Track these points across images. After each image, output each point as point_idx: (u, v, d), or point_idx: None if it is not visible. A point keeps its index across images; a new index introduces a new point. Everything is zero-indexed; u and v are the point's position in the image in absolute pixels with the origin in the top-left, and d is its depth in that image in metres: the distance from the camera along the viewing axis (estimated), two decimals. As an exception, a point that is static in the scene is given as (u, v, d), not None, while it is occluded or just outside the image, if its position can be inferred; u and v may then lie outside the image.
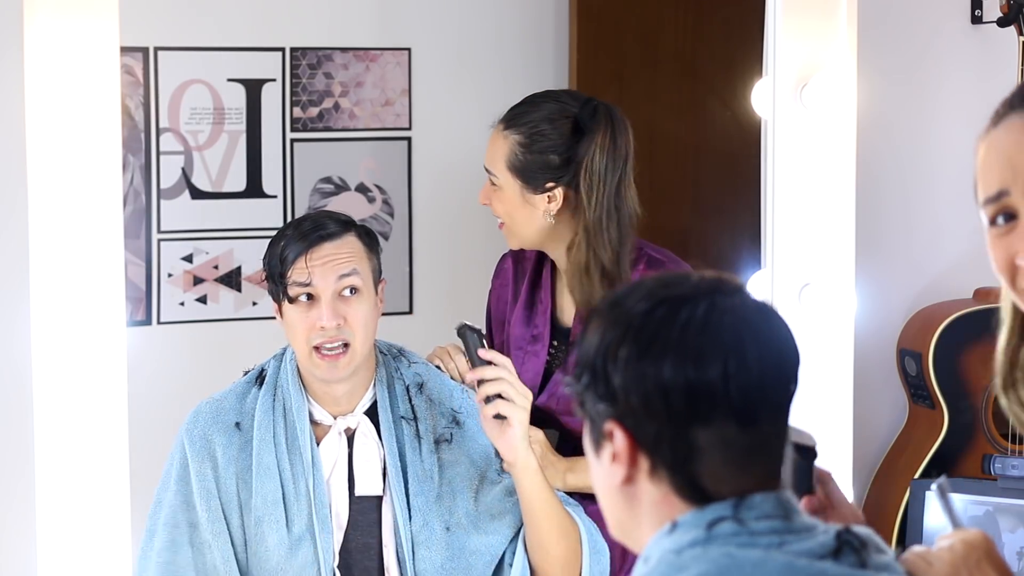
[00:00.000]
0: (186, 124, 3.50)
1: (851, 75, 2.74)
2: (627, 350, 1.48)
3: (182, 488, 2.56)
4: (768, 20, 2.76)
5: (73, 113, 2.42)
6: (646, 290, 1.52)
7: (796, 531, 1.48)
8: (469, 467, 2.62)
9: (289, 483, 2.55)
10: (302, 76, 3.56)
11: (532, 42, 3.70)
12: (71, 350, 2.44)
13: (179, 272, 3.51)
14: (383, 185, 3.63)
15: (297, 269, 2.52)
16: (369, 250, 2.58)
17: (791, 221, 2.75)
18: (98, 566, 2.46)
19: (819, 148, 2.75)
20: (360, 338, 2.53)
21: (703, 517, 1.47)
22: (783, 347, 1.51)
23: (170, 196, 3.50)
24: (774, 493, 1.50)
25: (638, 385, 1.47)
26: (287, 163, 3.57)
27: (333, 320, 2.50)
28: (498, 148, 2.77)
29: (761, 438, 1.49)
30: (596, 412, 1.51)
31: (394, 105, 3.63)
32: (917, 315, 3.75)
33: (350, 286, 2.53)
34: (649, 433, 1.47)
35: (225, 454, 2.56)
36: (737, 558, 1.44)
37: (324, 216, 2.60)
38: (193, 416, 2.60)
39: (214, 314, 3.54)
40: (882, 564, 1.51)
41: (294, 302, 2.53)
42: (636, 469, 1.49)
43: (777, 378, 1.50)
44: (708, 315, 1.48)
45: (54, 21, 2.40)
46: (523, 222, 2.77)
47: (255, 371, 2.65)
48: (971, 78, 3.82)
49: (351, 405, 2.60)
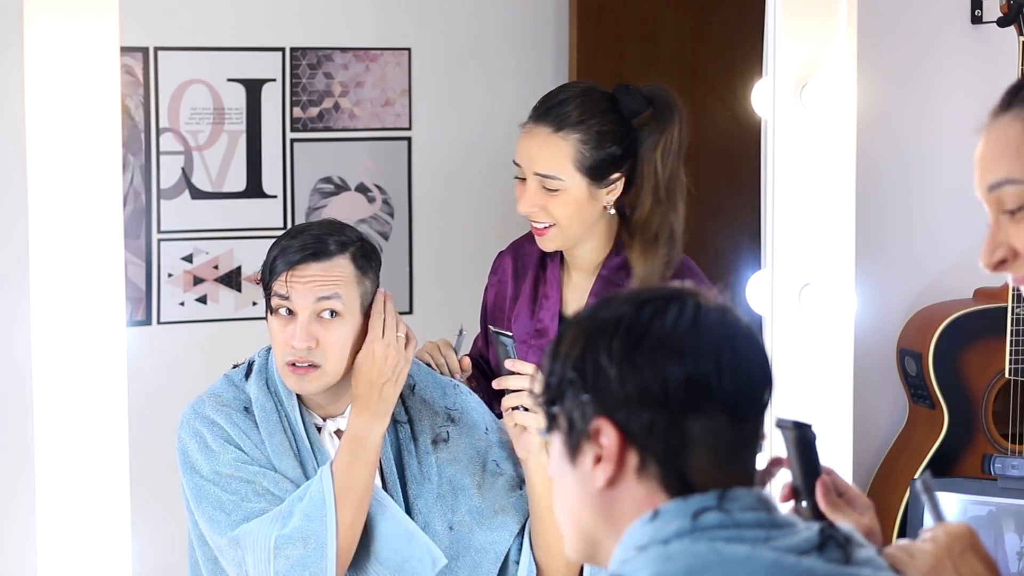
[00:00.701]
0: (186, 124, 3.50)
1: (851, 75, 2.74)
2: (620, 343, 1.49)
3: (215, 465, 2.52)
4: (768, 20, 2.75)
5: (73, 113, 2.41)
6: (625, 297, 1.54)
7: (780, 525, 1.49)
8: (469, 463, 2.62)
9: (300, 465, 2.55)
10: (302, 76, 3.56)
11: (532, 42, 3.70)
12: (71, 350, 2.43)
13: (179, 272, 3.51)
14: (383, 185, 3.64)
15: (279, 282, 2.51)
16: (361, 273, 2.53)
17: (791, 221, 2.75)
18: (98, 566, 2.46)
19: (819, 148, 2.75)
20: (333, 361, 2.50)
21: (687, 506, 1.47)
22: (761, 351, 1.54)
23: (170, 196, 3.50)
24: (754, 489, 1.51)
25: (634, 375, 1.48)
26: (287, 163, 3.57)
27: (304, 342, 2.48)
28: (558, 151, 2.76)
29: (745, 434, 1.51)
30: (578, 412, 1.50)
31: (394, 105, 3.63)
32: (917, 315, 3.75)
33: (329, 309, 2.51)
34: (642, 423, 1.48)
35: (241, 435, 2.54)
36: (724, 554, 1.44)
37: (327, 231, 2.55)
38: (194, 412, 2.58)
39: (214, 314, 3.54)
40: (865, 559, 1.52)
41: (275, 312, 2.53)
42: (622, 468, 1.49)
43: (760, 380, 1.53)
44: (697, 312, 1.50)
45: (54, 21, 2.40)
46: (582, 219, 2.79)
47: (243, 367, 2.64)
48: (971, 78, 3.83)
49: (339, 408, 2.59)
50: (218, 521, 2.51)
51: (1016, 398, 3.59)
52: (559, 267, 2.88)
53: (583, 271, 2.86)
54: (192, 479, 2.54)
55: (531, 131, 2.78)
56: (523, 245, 2.95)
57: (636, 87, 2.82)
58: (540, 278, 2.90)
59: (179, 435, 2.58)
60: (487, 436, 2.64)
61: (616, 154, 2.78)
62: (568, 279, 2.88)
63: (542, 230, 2.80)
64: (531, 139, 2.78)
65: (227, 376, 2.63)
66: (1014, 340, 3.56)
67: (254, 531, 2.47)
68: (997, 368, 3.58)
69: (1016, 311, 3.54)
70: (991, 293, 3.67)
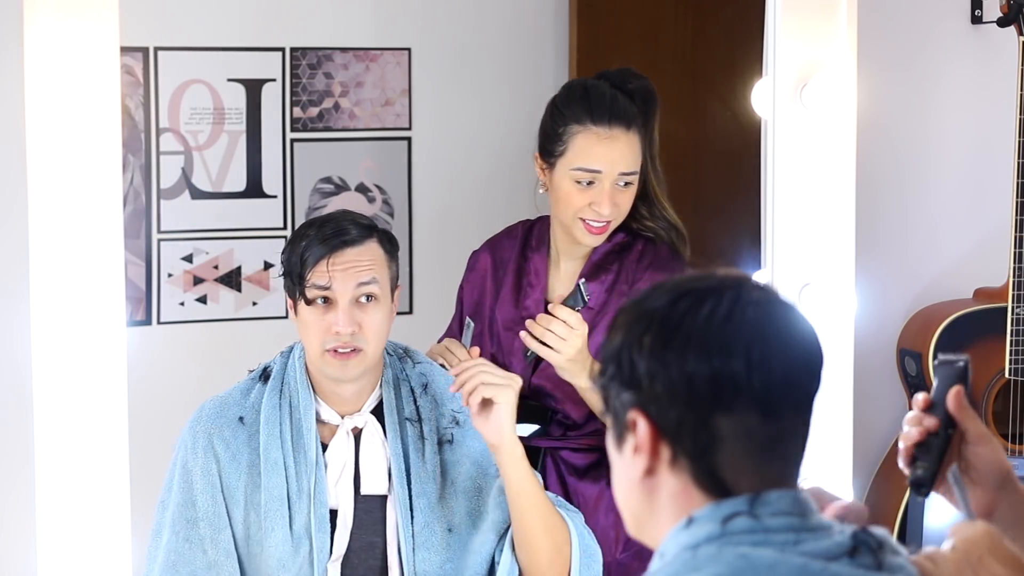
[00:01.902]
0: (186, 124, 3.50)
1: (851, 75, 2.74)
2: (651, 338, 1.49)
3: (184, 487, 2.57)
4: (768, 20, 2.76)
5: (73, 113, 2.41)
6: (671, 285, 1.53)
7: (812, 529, 1.48)
8: (471, 466, 2.62)
9: (293, 480, 2.56)
10: (302, 76, 3.56)
11: (532, 42, 3.70)
12: (71, 350, 2.43)
13: (179, 272, 3.51)
14: (383, 185, 3.64)
15: (317, 272, 2.52)
16: (389, 257, 2.58)
17: (791, 221, 2.75)
18: (98, 566, 2.46)
19: (819, 148, 2.75)
20: (373, 344, 2.54)
21: (719, 512, 1.47)
22: (807, 344, 1.52)
23: (170, 196, 3.50)
24: (791, 491, 1.50)
25: (662, 372, 1.48)
26: (287, 163, 3.57)
27: (349, 327, 2.51)
28: (636, 147, 2.81)
29: (782, 431, 1.49)
30: (620, 403, 1.52)
31: (394, 105, 3.63)
32: (917, 315, 3.75)
33: (368, 293, 2.53)
34: (671, 420, 1.48)
35: (229, 449, 2.57)
36: (751, 559, 1.44)
37: (348, 220, 2.58)
38: (196, 415, 2.61)
39: (214, 314, 3.54)
40: (896, 565, 1.51)
41: (311, 304, 2.54)
42: (657, 459, 1.50)
43: (800, 373, 1.50)
44: (732, 307, 1.49)
45: (54, 21, 2.40)
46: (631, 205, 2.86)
47: (259, 369, 2.66)
48: (971, 78, 3.83)
49: (358, 404, 2.61)
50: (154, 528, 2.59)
51: (1016, 398, 3.59)
52: (546, 256, 2.92)
53: (575, 259, 2.89)
54: (165, 482, 2.60)
55: (608, 136, 2.79)
56: (500, 241, 2.99)
57: (620, 71, 2.91)
58: (523, 268, 2.93)
59: (180, 436, 2.60)
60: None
61: (655, 140, 2.89)
62: (555, 268, 2.91)
63: (603, 227, 2.82)
64: (613, 143, 2.79)
65: (239, 383, 2.65)
66: (1014, 340, 3.55)
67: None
68: (997, 368, 3.58)
69: (1016, 311, 3.54)
70: (991, 293, 3.67)
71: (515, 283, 2.92)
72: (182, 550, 2.54)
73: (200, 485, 2.56)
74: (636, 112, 2.81)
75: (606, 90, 2.83)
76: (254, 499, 2.56)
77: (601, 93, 2.83)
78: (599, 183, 2.78)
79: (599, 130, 2.79)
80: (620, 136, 2.79)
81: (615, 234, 2.86)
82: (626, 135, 2.79)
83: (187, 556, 2.54)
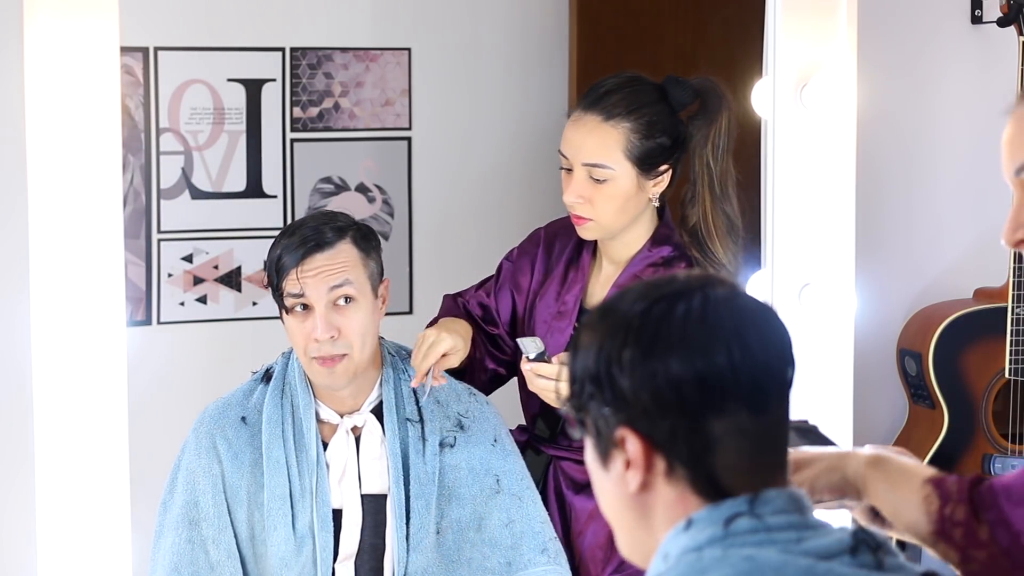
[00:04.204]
0: (186, 124, 3.50)
1: (851, 75, 2.74)
2: (631, 351, 1.47)
3: (187, 488, 2.57)
4: (768, 20, 2.75)
5: (73, 113, 2.41)
6: (636, 293, 1.52)
7: (812, 527, 1.49)
8: (469, 472, 2.62)
9: (296, 479, 2.56)
10: (302, 76, 3.56)
11: (532, 42, 3.70)
12: (71, 350, 2.44)
13: (179, 272, 3.51)
14: (383, 185, 3.64)
15: (290, 281, 2.53)
16: (365, 255, 2.57)
17: (791, 221, 2.75)
18: (98, 566, 2.46)
19: (819, 148, 2.75)
20: (358, 346, 2.54)
21: (719, 513, 1.47)
22: (776, 330, 1.52)
23: (170, 196, 3.50)
24: (786, 489, 1.50)
25: (648, 384, 1.46)
26: (287, 163, 3.57)
27: (326, 332, 2.51)
28: (608, 139, 2.71)
29: (770, 425, 1.50)
30: (603, 422, 1.50)
31: (394, 105, 3.63)
32: (917, 315, 3.75)
33: (344, 295, 2.53)
34: (664, 431, 1.47)
35: (231, 448, 2.57)
36: (758, 561, 1.43)
37: (322, 221, 2.58)
38: (199, 418, 2.64)
39: (214, 314, 3.54)
40: (896, 566, 1.51)
41: (291, 312, 2.55)
42: (652, 473, 1.49)
43: (778, 361, 1.51)
44: (704, 307, 1.49)
45: (54, 21, 2.40)
46: (626, 211, 2.74)
47: (262, 370, 2.66)
48: (971, 78, 3.83)
49: (357, 404, 2.61)
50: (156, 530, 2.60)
51: (1016, 398, 3.59)
52: (591, 255, 2.85)
53: (615, 263, 2.82)
54: (167, 483, 2.61)
55: (579, 120, 2.73)
56: (568, 224, 2.87)
57: (686, 79, 2.80)
58: (573, 261, 2.86)
59: (183, 446, 2.62)
60: (494, 447, 2.64)
61: (665, 144, 2.74)
62: (597, 269, 2.84)
63: (582, 220, 2.75)
64: (579, 128, 2.73)
65: (242, 385, 2.66)
66: (1014, 340, 3.55)
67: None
68: (997, 368, 3.58)
69: (1016, 311, 3.54)
70: (991, 293, 3.67)
71: (563, 275, 2.85)
72: (184, 551, 2.55)
73: (202, 486, 2.56)
74: (637, 111, 2.72)
75: (611, 81, 2.76)
76: (258, 498, 2.56)
77: (603, 82, 2.77)
78: (573, 171, 2.73)
79: (575, 113, 2.75)
80: (591, 123, 2.71)
81: (662, 246, 2.80)
82: (600, 124, 2.71)
83: (189, 557, 2.54)
